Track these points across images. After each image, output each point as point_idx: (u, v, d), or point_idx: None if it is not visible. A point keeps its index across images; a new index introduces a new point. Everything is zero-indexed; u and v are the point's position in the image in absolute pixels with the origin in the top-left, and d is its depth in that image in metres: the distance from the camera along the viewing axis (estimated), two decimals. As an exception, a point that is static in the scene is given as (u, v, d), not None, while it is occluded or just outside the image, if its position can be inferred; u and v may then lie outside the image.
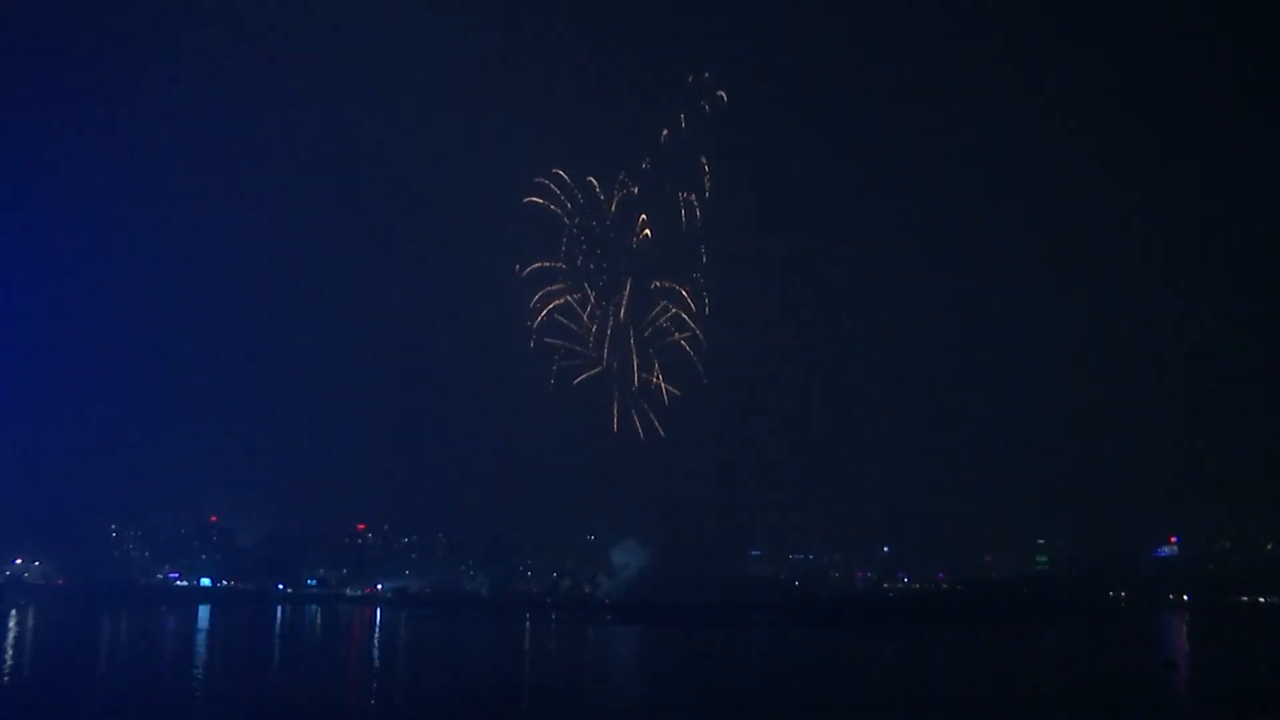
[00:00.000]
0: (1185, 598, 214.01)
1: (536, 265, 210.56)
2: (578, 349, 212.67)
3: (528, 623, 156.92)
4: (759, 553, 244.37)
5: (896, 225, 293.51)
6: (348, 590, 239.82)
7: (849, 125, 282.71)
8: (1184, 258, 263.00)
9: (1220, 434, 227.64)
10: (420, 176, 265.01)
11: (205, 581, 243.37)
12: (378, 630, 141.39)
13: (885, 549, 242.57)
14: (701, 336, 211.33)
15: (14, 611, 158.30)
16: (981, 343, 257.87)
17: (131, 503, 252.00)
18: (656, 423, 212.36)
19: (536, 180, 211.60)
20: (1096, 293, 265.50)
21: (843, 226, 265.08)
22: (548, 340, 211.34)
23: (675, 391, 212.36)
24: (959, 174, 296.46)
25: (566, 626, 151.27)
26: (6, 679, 73.27)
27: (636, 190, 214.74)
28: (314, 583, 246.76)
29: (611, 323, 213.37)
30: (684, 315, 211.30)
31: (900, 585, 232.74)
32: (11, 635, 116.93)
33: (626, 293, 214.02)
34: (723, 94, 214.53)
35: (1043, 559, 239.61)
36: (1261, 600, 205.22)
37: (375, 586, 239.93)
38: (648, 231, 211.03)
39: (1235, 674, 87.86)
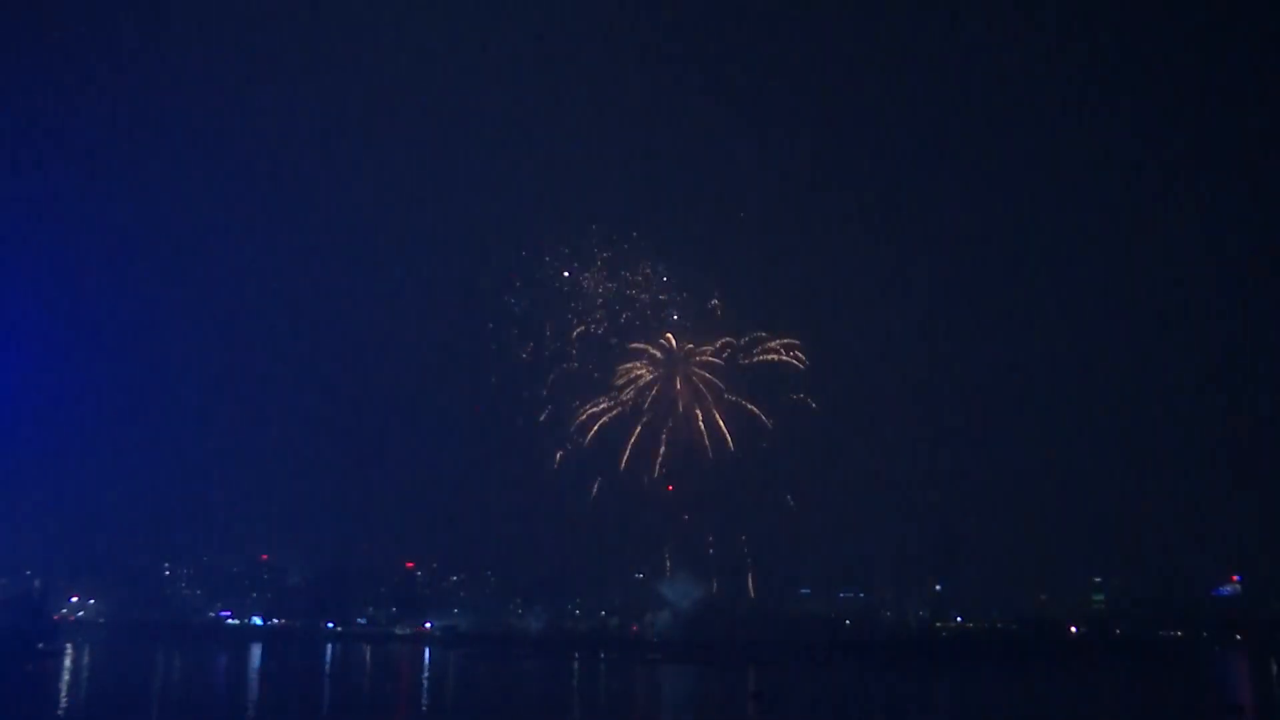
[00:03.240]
0: (1245, 638, 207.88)
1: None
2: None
3: (575, 663, 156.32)
4: (808, 591, 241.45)
5: (942, 263, 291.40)
6: (397, 629, 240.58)
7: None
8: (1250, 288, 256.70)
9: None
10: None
11: (256, 620, 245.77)
12: (426, 670, 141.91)
13: (938, 587, 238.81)
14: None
15: (69, 649, 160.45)
16: (1037, 378, 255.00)
17: (184, 541, 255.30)
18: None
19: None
20: (1158, 328, 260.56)
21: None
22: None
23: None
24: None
25: (614, 665, 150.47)
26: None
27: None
28: (364, 621, 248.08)
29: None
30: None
31: (954, 624, 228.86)
32: (67, 674, 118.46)
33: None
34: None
35: (1099, 597, 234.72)
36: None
37: (424, 625, 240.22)
38: None
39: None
